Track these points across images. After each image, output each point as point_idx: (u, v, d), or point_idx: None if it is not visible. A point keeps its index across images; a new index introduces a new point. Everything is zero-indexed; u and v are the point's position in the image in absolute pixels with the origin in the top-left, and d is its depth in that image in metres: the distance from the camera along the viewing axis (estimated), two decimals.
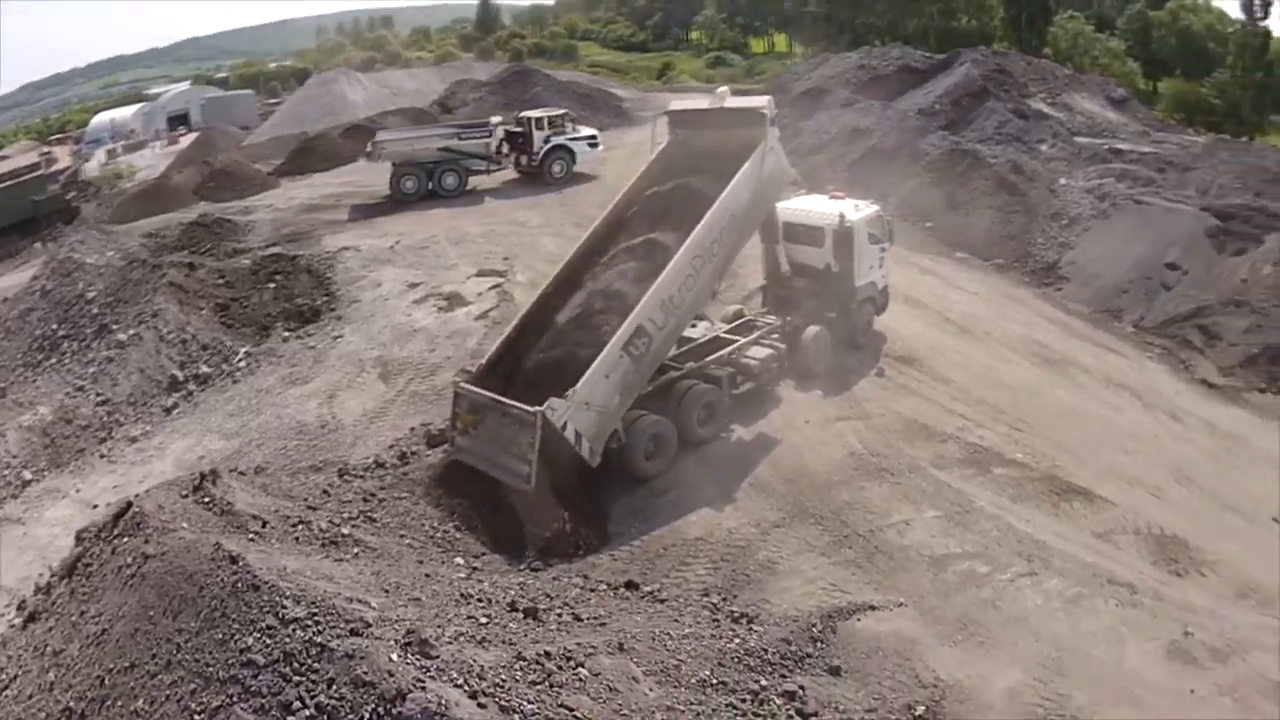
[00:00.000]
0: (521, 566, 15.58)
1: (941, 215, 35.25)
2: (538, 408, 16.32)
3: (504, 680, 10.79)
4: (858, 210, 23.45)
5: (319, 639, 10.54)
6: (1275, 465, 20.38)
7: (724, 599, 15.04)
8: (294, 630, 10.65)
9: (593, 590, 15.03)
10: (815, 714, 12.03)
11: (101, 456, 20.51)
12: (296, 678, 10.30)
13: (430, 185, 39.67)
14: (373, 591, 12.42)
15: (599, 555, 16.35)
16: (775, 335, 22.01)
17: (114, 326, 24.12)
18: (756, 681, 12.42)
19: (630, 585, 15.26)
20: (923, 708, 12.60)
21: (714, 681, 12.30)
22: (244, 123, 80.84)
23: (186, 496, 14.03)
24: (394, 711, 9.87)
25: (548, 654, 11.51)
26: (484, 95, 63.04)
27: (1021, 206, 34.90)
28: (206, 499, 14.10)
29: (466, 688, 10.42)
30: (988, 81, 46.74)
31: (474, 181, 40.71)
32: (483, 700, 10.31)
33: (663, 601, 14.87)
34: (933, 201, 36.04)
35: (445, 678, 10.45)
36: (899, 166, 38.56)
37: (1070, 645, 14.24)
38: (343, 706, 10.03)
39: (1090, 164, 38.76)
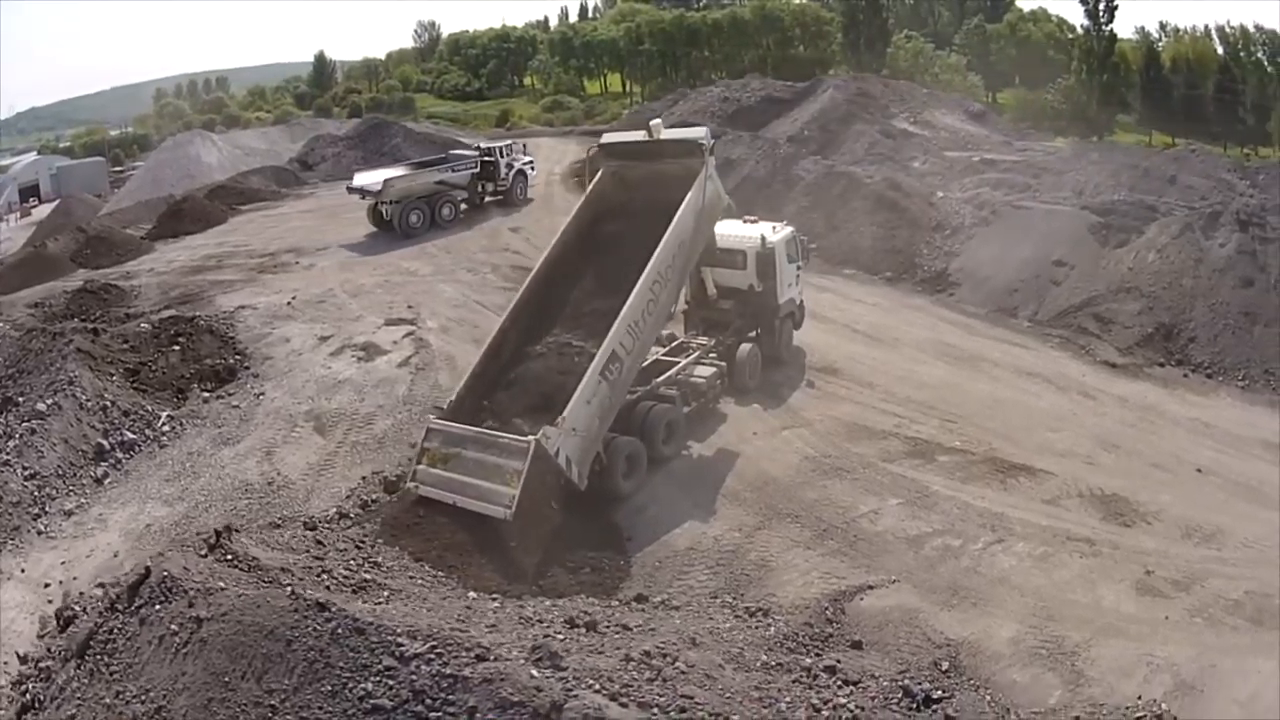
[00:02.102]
0: (535, 588, 16.55)
1: (825, 235, 37.26)
2: (530, 436, 17.46)
3: (628, 680, 11.77)
4: (775, 232, 25.90)
5: (448, 670, 11.04)
6: (1185, 426, 23.28)
7: (734, 598, 16.61)
8: (418, 666, 11.13)
9: (609, 606, 16.07)
10: (858, 681, 13.49)
11: (39, 533, 20.18)
12: (433, 714, 10.77)
13: (432, 218, 43.03)
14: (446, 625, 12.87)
15: (595, 575, 17.51)
16: (712, 355, 24.10)
17: (19, 399, 23.68)
18: (799, 662, 13.91)
19: (640, 598, 16.36)
20: (946, 663, 14.39)
21: (773, 664, 13.69)
22: (96, 190, 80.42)
23: (206, 556, 14.57)
24: None
25: (648, 654, 12.53)
26: (342, 150, 63.82)
27: (903, 221, 37.42)
28: (229, 556, 14.54)
29: (604, 691, 11.33)
30: (852, 105, 50.14)
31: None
32: (623, 701, 11.29)
33: (677, 609, 16.19)
34: (814, 223, 37.92)
35: (583, 685, 11.30)
36: (775, 193, 40.69)
37: (1051, 595, 16.42)
38: None
39: (965, 175, 42.09)
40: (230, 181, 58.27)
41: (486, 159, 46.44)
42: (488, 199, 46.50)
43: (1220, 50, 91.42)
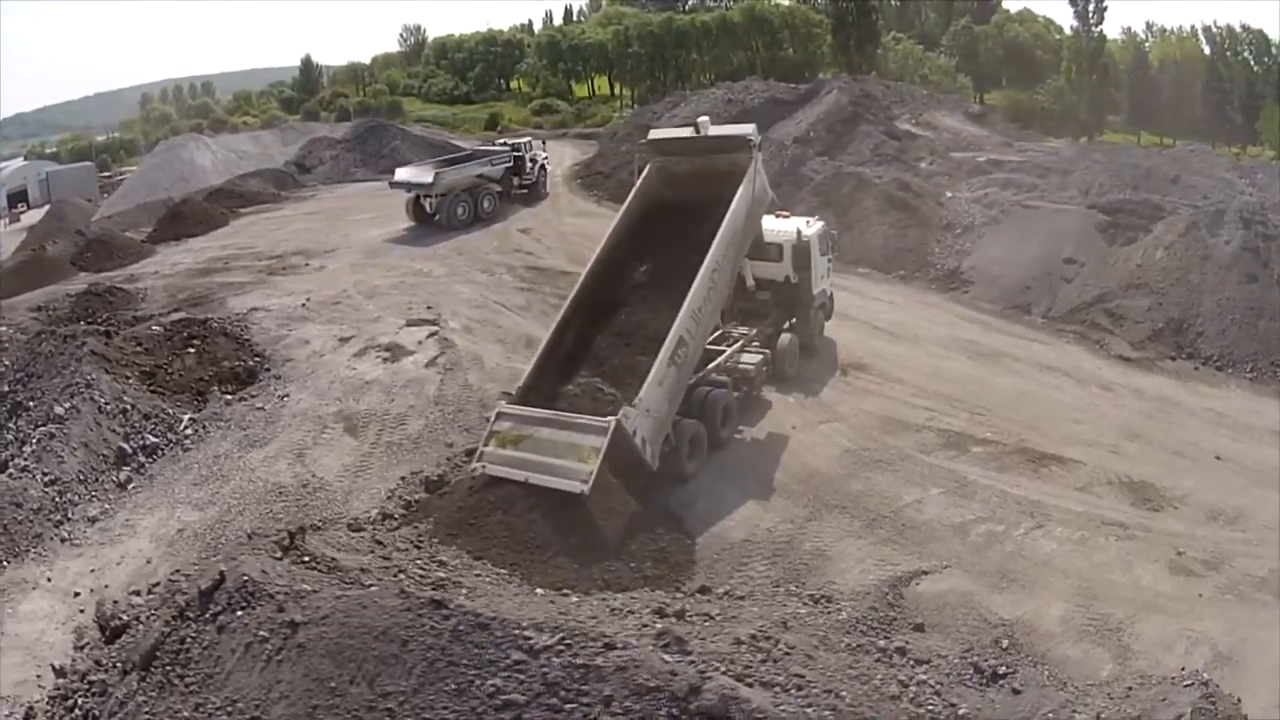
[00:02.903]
0: (600, 582, 16.60)
1: (838, 235, 38.56)
2: (611, 417, 18.35)
3: (745, 662, 12.49)
4: (809, 226, 27.41)
5: (579, 661, 11.28)
6: (1199, 417, 24.66)
7: (797, 586, 17.47)
8: (549, 659, 11.34)
9: (678, 597, 16.62)
10: (928, 660, 14.60)
11: (63, 540, 19.60)
12: (569, 705, 11.00)
13: (475, 210, 45.65)
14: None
15: (657, 568, 17.85)
16: (755, 343, 25.40)
17: (30, 404, 23.30)
18: (874, 644, 14.94)
19: (704, 589, 16.78)
20: (1006, 640, 15.58)
21: (854, 646, 14.72)
22: (86, 195, 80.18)
23: (281, 558, 14.56)
24: (692, 706, 10.84)
25: (754, 636, 13.23)
26: (340, 152, 64.52)
27: (914, 221, 38.49)
28: (306, 558, 14.60)
29: (729, 673, 11.83)
30: (856, 107, 51.20)
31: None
32: (749, 681, 11.91)
33: (743, 598, 16.89)
34: (826, 223, 39.44)
35: (710, 668, 11.76)
36: (784, 193, 41.12)
37: (1092, 576, 17.71)
38: (635, 716, 10.85)
39: (972, 176, 43.26)
40: (228, 184, 58.79)
41: (516, 154, 49.01)
42: (513, 192, 48.80)
43: (1207, 50, 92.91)
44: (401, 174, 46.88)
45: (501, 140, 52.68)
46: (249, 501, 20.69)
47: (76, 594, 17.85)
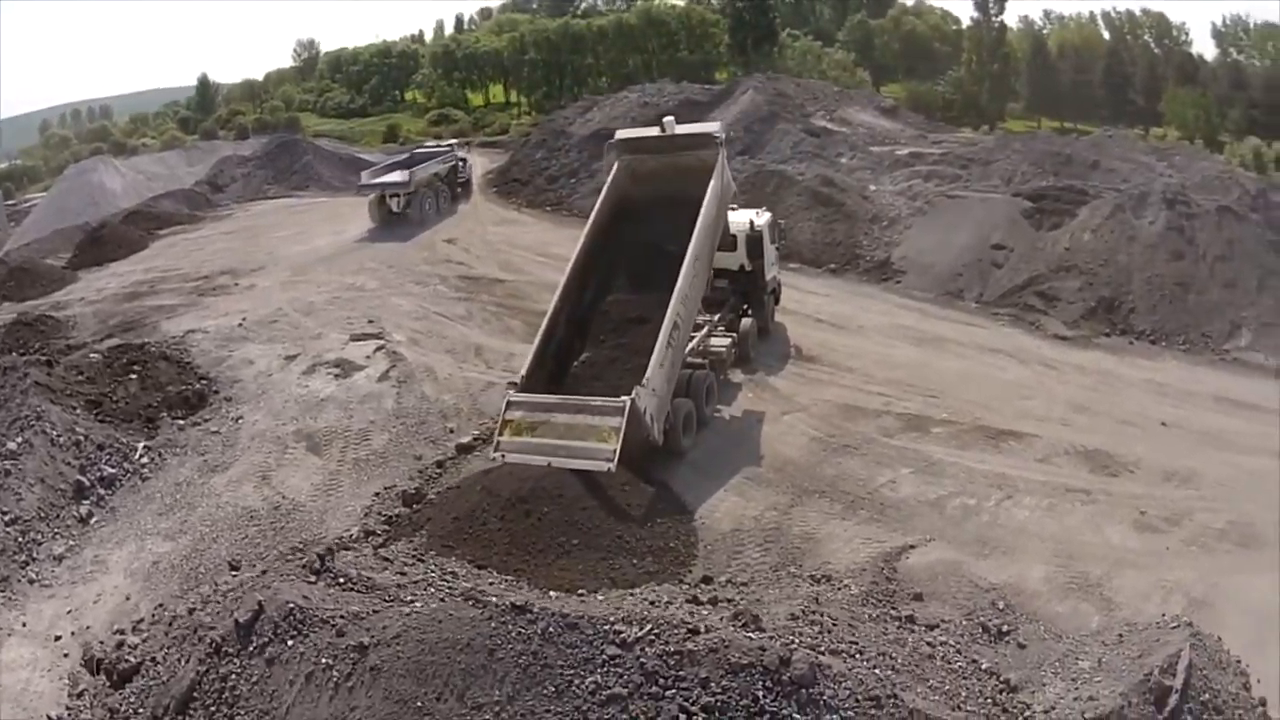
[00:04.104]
0: (607, 580, 16.99)
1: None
2: (625, 397, 19.57)
3: (809, 635, 13.62)
4: (760, 217, 29.30)
5: (671, 648, 11.92)
6: (1140, 388, 26.67)
7: (796, 569, 18.47)
8: (642, 649, 11.95)
9: (688, 587, 17.10)
10: (936, 625, 16.02)
11: (31, 582, 18.96)
12: (669, 691, 11.61)
13: (437, 204, 50.06)
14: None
15: (658, 563, 18.46)
16: (719, 328, 27.10)
17: None
18: (889, 614, 16.28)
19: (707, 579, 17.35)
20: (1001, 602, 17.05)
21: (875, 616, 16.01)
22: None
23: (315, 582, 14.78)
24: (785, 677, 11.67)
25: (804, 611, 14.81)
26: (251, 170, 64.22)
27: (840, 215, 40.07)
28: (342, 579, 14.94)
29: (800, 644, 12.80)
30: (772, 105, 52.83)
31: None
32: (822, 650, 13.00)
33: (744, 585, 17.41)
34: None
35: (784, 642, 12.76)
36: None
37: (1066, 539, 19.31)
38: (731, 695, 11.56)
39: (894, 169, 45.27)
40: (143, 207, 58.23)
41: (459, 155, 54.05)
42: (455, 189, 52.80)
43: (1107, 35, 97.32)
44: (371, 178, 49.61)
45: (443, 142, 57.40)
46: (221, 528, 20.55)
47: (57, 638, 17.29)
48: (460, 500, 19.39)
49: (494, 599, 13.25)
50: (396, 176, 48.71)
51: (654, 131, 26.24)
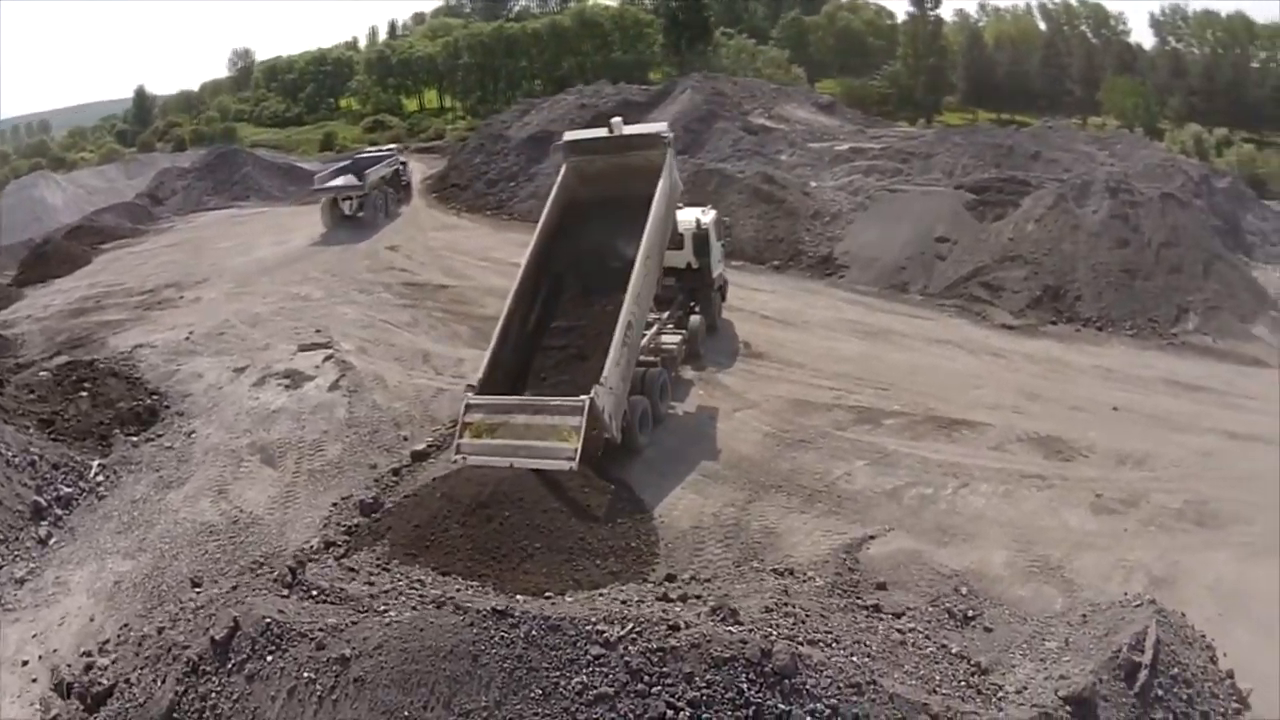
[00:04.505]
0: (572, 582, 17.14)
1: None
2: (584, 396, 19.84)
3: (785, 626, 13.77)
4: (705, 214, 29.52)
5: (654, 645, 12.14)
6: (1089, 374, 27.01)
7: (759, 564, 18.53)
8: (626, 647, 12.14)
9: (655, 585, 17.41)
10: (902, 613, 16.15)
11: None
12: (655, 688, 11.78)
13: (386, 206, 50.96)
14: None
15: (621, 563, 18.50)
16: (669, 326, 27.35)
17: None
18: (856, 604, 16.40)
19: (670, 577, 17.42)
20: (965, 588, 17.21)
21: (843, 607, 16.10)
22: None
23: (288, 596, 14.73)
24: (767, 668, 11.91)
25: (776, 604, 14.97)
26: (191, 182, 63.60)
27: (781, 212, 40.21)
28: (315, 591, 14.90)
29: (778, 636, 13.06)
30: (710, 104, 53.13)
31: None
32: (799, 641, 13.20)
33: (708, 581, 17.73)
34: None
35: (764, 634, 13.00)
36: None
37: (1024, 524, 19.52)
38: (716, 689, 11.78)
39: (834, 165, 45.70)
40: (85, 221, 57.59)
41: (401, 159, 55.13)
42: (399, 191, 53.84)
43: (1044, 26, 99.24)
44: (326, 182, 50.45)
45: (383, 147, 58.56)
46: (180, 545, 20.47)
47: (24, 662, 17.16)
48: (420, 508, 19.38)
49: (474, 604, 13.26)
50: (351, 179, 49.49)
51: (602, 132, 26.42)
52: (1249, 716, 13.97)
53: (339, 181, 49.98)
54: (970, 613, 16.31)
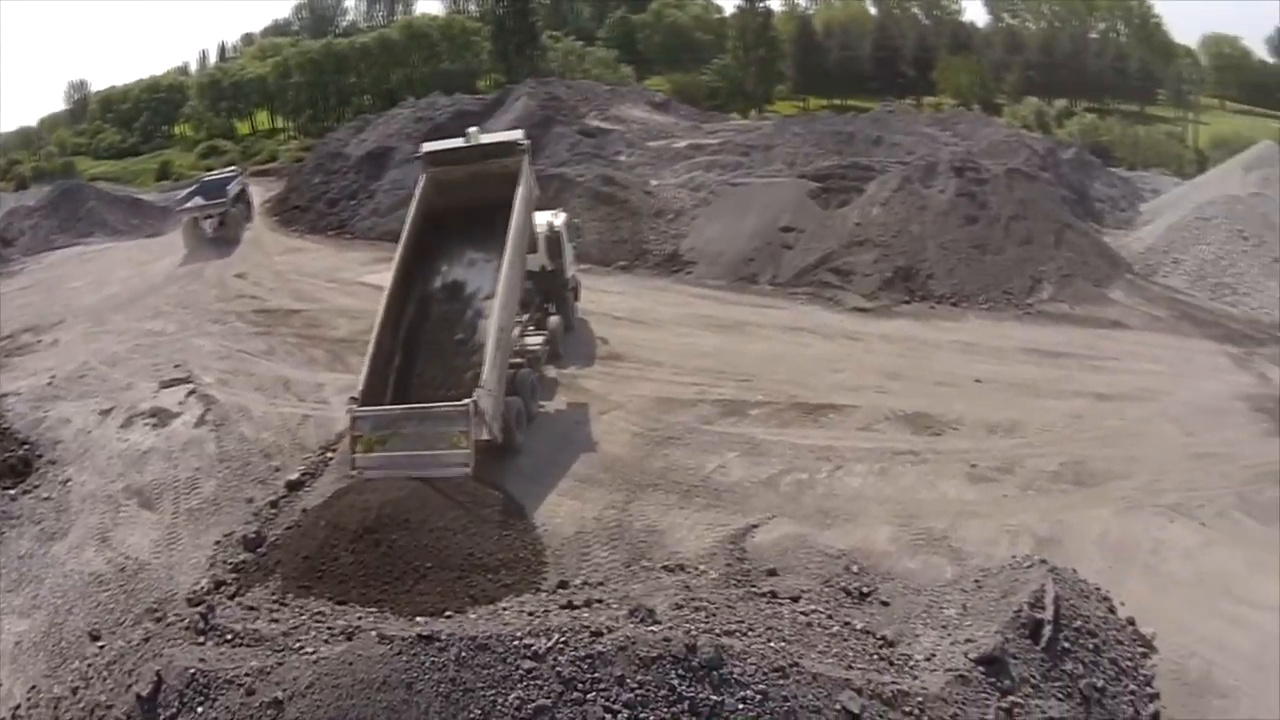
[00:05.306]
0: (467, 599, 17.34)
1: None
2: (467, 400, 20.17)
3: (698, 620, 13.97)
4: (557, 217, 29.79)
5: (582, 653, 12.33)
6: (948, 349, 27.69)
7: (648, 562, 18.50)
8: (555, 658, 12.34)
9: (552, 594, 17.50)
10: (799, 596, 16.22)
11: None
12: (590, 694, 12.00)
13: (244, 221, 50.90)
14: None
15: (511, 575, 18.46)
16: (530, 327, 27.46)
17: None
18: (754, 592, 16.49)
19: (563, 584, 17.59)
20: (855, 566, 17.43)
21: (744, 596, 16.21)
22: None
23: (203, 642, 14.62)
24: (694, 663, 12.22)
25: (688, 601, 15.15)
26: (38, 220, 60.37)
27: (624, 212, 40.27)
28: (229, 635, 14.83)
29: (697, 630, 13.29)
30: (546, 110, 52.93)
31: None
32: (719, 633, 13.41)
33: (601, 584, 17.70)
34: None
35: (684, 629, 13.30)
36: None
37: (903, 499, 19.84)
38: (648, 688, 12.01)
39: (674, 162, 45.92)
40: None
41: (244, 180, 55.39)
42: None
43: (874, 11, 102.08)
44: (189, 202, 50.41)
45: (225, 169, 58.79)
46: (72, 598, 20.06)
47: None
48: (306, 538, 19.38)
49: (399, 632, 13.23)
50: (214, 196, 49.67)
51: (459, 142, 27.04)
52: (1156, 659, 14.43)
53: (202, 200, 49.66)
54: (865, 589, 16.52)
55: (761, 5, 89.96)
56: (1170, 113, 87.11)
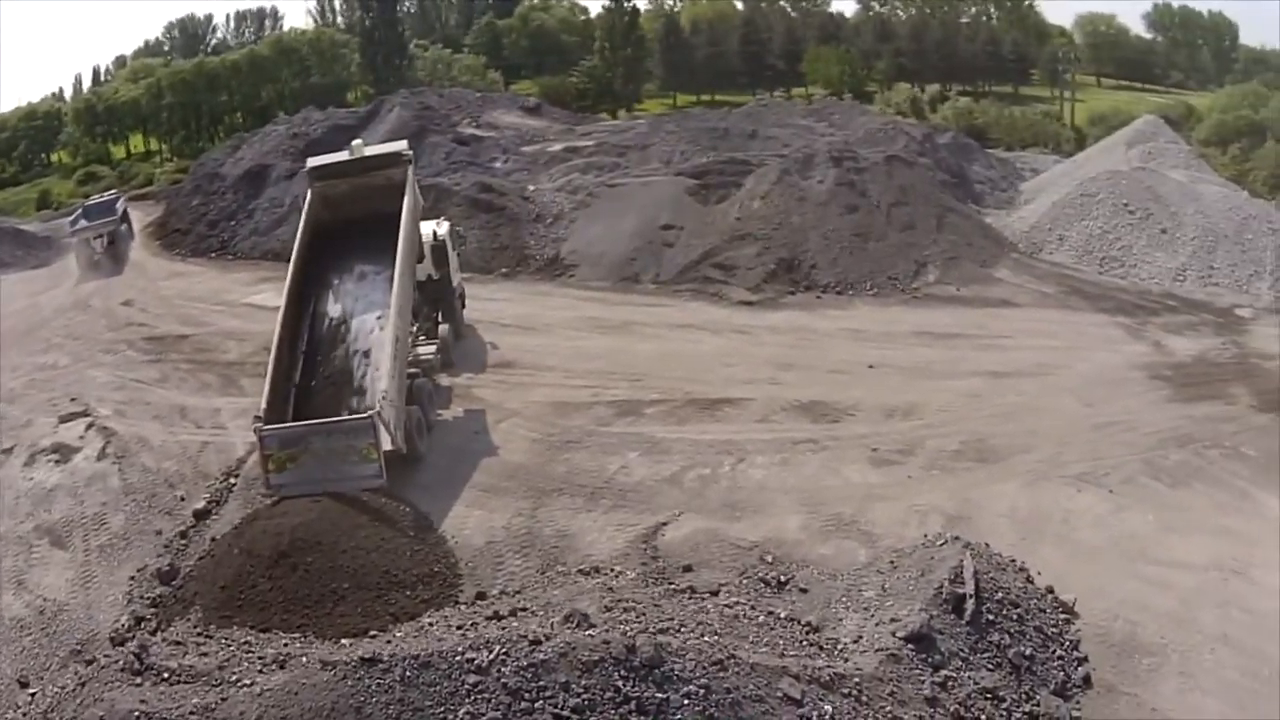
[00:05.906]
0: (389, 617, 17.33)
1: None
2: (370, 411, 20.20)
3: (630, 621, 13.92)
4: (440, 226, 29.56)
5: (525, 662, 12.38)
6: (838, 337, 28.08)
7: (563, 567, 18.33)
8: (500, 669, 12.36)
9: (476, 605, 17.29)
10: (717, 591, 16.27)
11: None
12: (538, 702, 12.07)
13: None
14: None
15: (429, 589, 18.25)
16: (421, 337, 27.18)
17: None
18: (673, 589, 16.44)
19: (481, 595, 17.49)
20: (770, 556, 17.52)
21: (665, 594, 16.12)
22: None
23: (141, 683, 14.19)
24: (636, 662, 12.33)
25: (615, 604, 15.01)
26: None
27: (502, 219, 40.03)
28: (167, 674, 14.41)
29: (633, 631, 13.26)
30: (419, 120, 52.29)
31: None
32: (653, 631, 13.42)
33: (519, 592, 17.57)
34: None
35: (620, 630, 13.29)
36: None
37: (808, 487, 20.00)
38: (594, 691, 12.11)
39: (550, 166, 45.68)
40: None
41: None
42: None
43: (740, 5, 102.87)
44: (77, 225, 49.93)
45: (106, 194, 57.60)
46: None
47: None
48: (221, 567, 19.07)
49: (341, 657, 13.15)
50: (102, 216, 49.83)
51: (343, 155, 27.17)
52: (1079, 624, 14.72)
53: (92, 221, 49.44)
54: (782, 578, 16.59)
55: (628, 4, 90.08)
56: (1046, 92, 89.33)
